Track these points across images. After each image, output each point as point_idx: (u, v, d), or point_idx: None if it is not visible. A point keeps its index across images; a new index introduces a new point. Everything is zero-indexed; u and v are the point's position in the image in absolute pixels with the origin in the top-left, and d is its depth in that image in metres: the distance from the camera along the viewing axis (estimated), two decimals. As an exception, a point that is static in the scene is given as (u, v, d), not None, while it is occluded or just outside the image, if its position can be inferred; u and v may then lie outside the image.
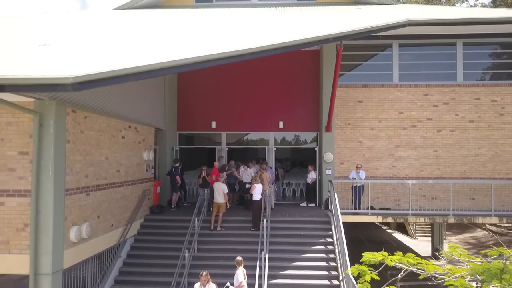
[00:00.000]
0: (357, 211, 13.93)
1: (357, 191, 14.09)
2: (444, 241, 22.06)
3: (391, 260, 7.37)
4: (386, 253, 7.65)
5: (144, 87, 13.22)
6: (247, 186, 14.55)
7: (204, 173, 13.86)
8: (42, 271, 8.00)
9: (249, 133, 17.38)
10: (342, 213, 13.13)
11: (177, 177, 14.62)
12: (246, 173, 15.01)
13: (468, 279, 6.47)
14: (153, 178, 14.46)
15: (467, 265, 6.48)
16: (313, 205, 15.88)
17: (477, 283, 6.38)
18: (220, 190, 12.54)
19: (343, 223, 11.65)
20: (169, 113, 16.04)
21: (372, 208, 14.37)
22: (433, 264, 7.29)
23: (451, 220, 13.80)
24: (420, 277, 7.09)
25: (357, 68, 16.24)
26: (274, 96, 16.72)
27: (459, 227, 26.36)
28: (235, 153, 17.45)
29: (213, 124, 16.90)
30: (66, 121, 8.63)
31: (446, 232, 24.90)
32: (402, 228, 27.31)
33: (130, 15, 17.38)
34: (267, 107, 16.75)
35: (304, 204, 16.15)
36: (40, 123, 8.09)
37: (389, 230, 27.56)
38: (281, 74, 16.70)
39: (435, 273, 7.08)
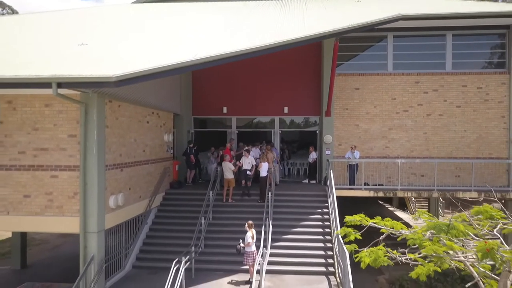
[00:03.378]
0: (351, 186, 15.78)
1: (352, 169, 15.92)
2: (441, 217, 23.83)
3: (366, 221, 9.36)
4: (363, 215, 9.65)
5: (164, 78, 15.04)
6: (247, 173, 15.12)
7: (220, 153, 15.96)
8: (90, 230, 10.06)
9: (256, 118, 19.18)
10: (339, 188, 15.16)
11: (192, 157, 16.61)
12: (247, 160, 15.36)
13: (427, 235, 8.39)
14: (172, 158, 16.45)
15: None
16: (314, 182, 17.75)
17: (430, 236, 8.29)
18: (228, 168, 14.50)
19: (343, 198, 13.47)
20: (185, 100, 17.93)
21: (366, 184, 16.24)
22: (401, 224, 9.24)
23: (435, 195, 15.61)
24: (383, 231, 9.09)
25: (354, 58, 17.85)
26: (279, 84, 18.43)
27: (461, 206, 28.05)
28: (244, 136, 19.25)
29: (225, 110, 18.75)
30: (105, 109, 10.54)
31: (446, 210, 26.68)
32: (403, 206, 29.13)
33: (150, 9, 19.11)
34: (273, 94, 18.49)
35: (306, 181, 18.05)
36: (86, 112, 10.00)
37: (391, 208, 29.37)
38: (286, 64, 18.35)
39: (401, 231, 9.05)
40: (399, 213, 27.45)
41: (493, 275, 7.77)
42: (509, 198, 15.30)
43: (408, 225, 9.62)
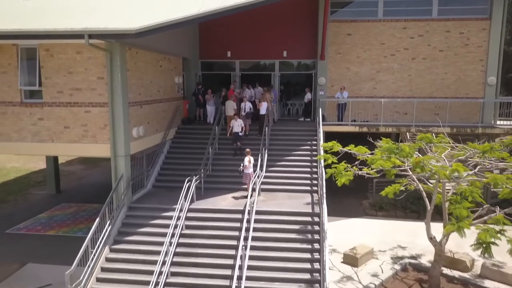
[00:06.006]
0: (339, 122, 17.96)
1: (341, 108, 18.04)
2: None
3: (337, 146, 11.71)
4: (335, 142, 12.00)
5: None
6: (240, 134, 15.81)
7: (223, 93, 18.06)
8: (118, 154, 12.57)
9: (258, 61, 21.05)
10: (329, 125, 17.45)
11: (199, 96, 18.83)
12: (236, 123, 15.69)
13: (385, 157, 10.71)
14: (182, 97, 18.68)
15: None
16: (308, 119, 19.98)
17: (386, 158, 10.60)
18: (230, 106, 16.75)
19: (335, 135, 15.42)
20: (192, 45, 19.82)
21: (355, 121, 18.40)
22: (365, 148, 11.57)
23: (413, 130, 17.78)
24: (354, 151, 11.16)
25: (348, 5, 19.26)
26: (279, 30, 20.08)
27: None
28: (247, 78, 21.19)
29: (229, 54, 20.63)
30: (126, 56, 12.62)
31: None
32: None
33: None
34: (274, 39, 20.18)
35: (302, 119, 20.30)
36: (111, 58, 12.11)
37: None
38: (286, 11, 19.81)
39: (365, 154, 11.40)
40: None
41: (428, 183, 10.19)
42: (478, 132, 17.40)
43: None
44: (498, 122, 18.49)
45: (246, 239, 11.07)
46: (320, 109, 16.95)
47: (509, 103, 18.41)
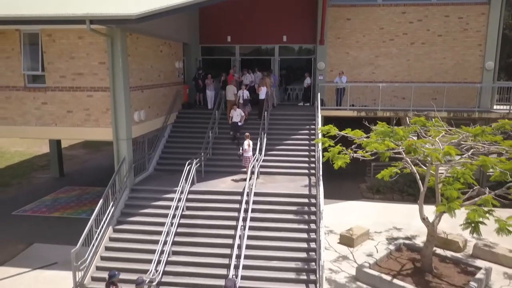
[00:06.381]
0: (338, 107, 18.19)
1: (339, 93, 18.24)
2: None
3: (333, 129, 11.93)
4: (332, 126, 12.21)
5: (174, 11, 17.02)
6: (239, 124, 15.89)
7: (223, 78, 18.25)
8: (120, 137, 12.87)
9: (258, 46, 21.17)
10: (328, 109, 17.68)
11: (199, 81, 19.02)
12: (235, 113, 15.81)
13: (379, 140, 10.96)
14: (183, 82, 18.88)
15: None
16: (308, 104, 20.19)
17: (379, 141, 10.85)
18: (231, 91, 16.97)
19: (333, 120, 15.68)
20: (193, 30, 19.94)
21: (353, 106, 18.61)
22: (361, 132, 11.81)
23: (410, 114, 17.96)
24: (350, 134, 11.44)
25: (348, -10, 19.33)
26: (279, 15, 20.16)
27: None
28: (247, 63, 21.33)
29: (229, 38, 20.75)
30: (126, 41, 12.82)
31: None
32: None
33: None
34: (274, 24, 20.29)
35: (301, 104, 20.51)
36: (112, 43, 12.30)
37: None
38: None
39: (361, 138, 11.66)
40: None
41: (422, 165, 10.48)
42: (474, 117, 17.63)
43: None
44: (495, 107, 18.70)
45: (244, 219, 11.43)
46: (319, 94, 17.16)
47: (508, 88, 18.52)
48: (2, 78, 13.01)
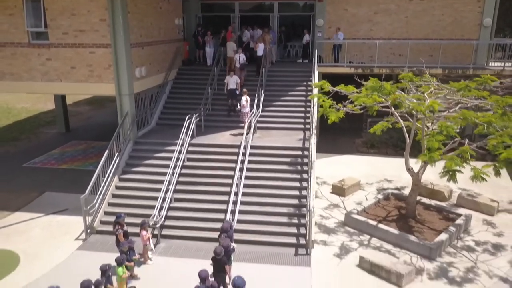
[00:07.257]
0: (335, 64, 18.52)
1: (336, 49, 18.51)
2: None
3: (327, 86, 12.41)
4: (325, 81, 12.66)
5: (172, -34, 17.05)
6: (236, 92, 15.66)
7: (222, 35, 18.52)
8: (123, 92, 13.47)
9: (257, 2, 21.18)
10: (325, 66, 18.01)
11: (199, 38, 19.30)
12: (232, 80, 15.60)
13: (370, 94, 11.46)
14: (183, 39, 19.17)
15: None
16: (307, 61, 20.49)
17: (370, 95, 11.34)
18: (231, 47, 17.31)
19: (331, 78, 15.97)
20: (192, -14, 19.97)
21: (350, 62, 18.92)
22: (353, 87, 12.31)
23: (406, 70, 18.27)
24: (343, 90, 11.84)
25: None
26: (278, -30, 20.10)
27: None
28: (246, 19, 21.43)
29: (228, -5, 20.80)
30: (126, -2, 13.13)
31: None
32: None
33: None
34: (272, -21, 20.26)
35: (300, 60, 20.81)
36: (112, 0, 12.62)
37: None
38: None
39: (353, 92, 12.17)
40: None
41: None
42: (469, 73, 17.93)
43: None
44: (491, 64, 18.94)
45: (241, 170, 12.21)
46: (316, 51, 17.46)
47: (510, 45, 18.46)
48: (7, 34, 13.46)
